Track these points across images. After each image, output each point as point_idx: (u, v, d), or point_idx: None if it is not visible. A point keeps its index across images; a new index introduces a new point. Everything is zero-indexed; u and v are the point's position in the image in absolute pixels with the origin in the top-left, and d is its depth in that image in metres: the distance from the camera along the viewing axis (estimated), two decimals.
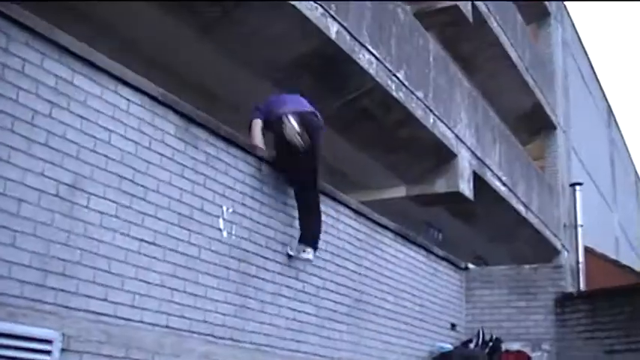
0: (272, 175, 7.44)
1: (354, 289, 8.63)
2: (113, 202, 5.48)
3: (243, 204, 6.96)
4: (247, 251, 6.92)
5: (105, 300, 5.30)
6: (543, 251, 17.11)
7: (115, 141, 5.56)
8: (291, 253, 7.45)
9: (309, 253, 7.45)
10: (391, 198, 13.04)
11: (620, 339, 10.40)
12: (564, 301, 11.22)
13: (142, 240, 5.69)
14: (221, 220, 6.63)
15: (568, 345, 10.94)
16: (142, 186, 5.76)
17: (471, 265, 11.95)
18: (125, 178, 5.61)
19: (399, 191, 12.95)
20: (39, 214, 4.89)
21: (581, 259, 17.27)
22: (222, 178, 6.70)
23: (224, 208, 6.68)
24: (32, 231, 4.82)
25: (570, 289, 12.48)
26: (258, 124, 7.58)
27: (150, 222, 5.80)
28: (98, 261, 5.28)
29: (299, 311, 7.57)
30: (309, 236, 7.50)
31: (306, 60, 9.47)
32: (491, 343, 10.49)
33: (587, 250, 17.68)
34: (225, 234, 6.65)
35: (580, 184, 17.86)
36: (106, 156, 5.46)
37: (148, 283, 5.70)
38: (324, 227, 8.02)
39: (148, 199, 5.81)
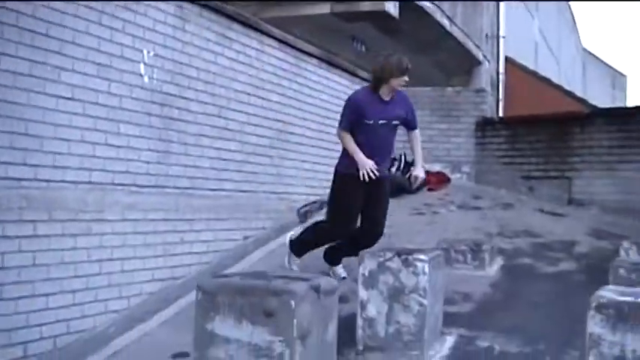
0: (195, 11, 7.13)
1: (278, 120, 8.58)
2: (26, 59, 5.20)
3: (165, 45, 6.71)
4: (170, 94, 6.76)
5: (24, 164, 5.15)
6: (465, 62, 17.12)
7: None
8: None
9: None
10: (316, 14, 12.71)
11: (537, 165, 10.72)
12: (485, 125, 11.41)
13: (59, 97, 5.48)
14: (142, 65, 6.40)
15: (487, 169, 11.24)
16: (56, 39, 5.46)
17: None
18: (38, 33, 5.30)
19: (324, 8, 12.60)
20: None
21: (501, 69, 17.41)
22: (141, 21, 6.40)
23: (145, 52, 6.44)
24: None
25: (491, 113, 12.62)
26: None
27: (66, 76, 5.56)
28: (14, 125, 5.09)
29: (223, 149, 7.53)
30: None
31: None
32: (412, 167, 10.65)
33: (508, 61, 17.79)
34: (146, 79, 6.45)
35: None
36: (16, 11, 5.12)
37: (68, 140, 5.55)
38: (247, 60, 7.92)
39: (64, 52, 5.54)
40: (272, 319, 3.33)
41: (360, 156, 6.17)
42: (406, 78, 6.22)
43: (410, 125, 6.60)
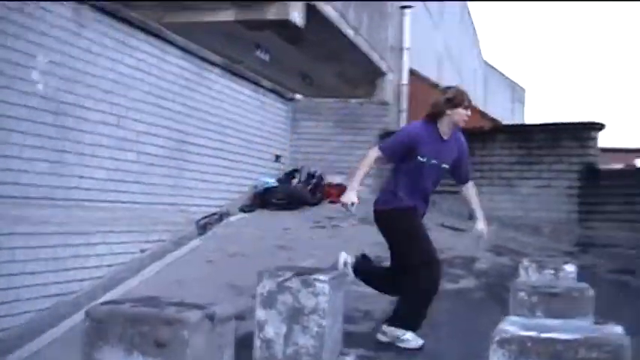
0: (92, 16, 6.89)
1: (178, 131, 8.41)
2: None
3: (61, 51, 6.45)
4: (65, 103, 6.51)
5: None
6: (370, 73, 17.20)
7: None
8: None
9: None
10: (220, 21, 12.55)
11: None
12: (384, 138, 11.40)
13: None
14: (35, 72, 6.13)
15: None
16: None
17: (298, 96, 11.88)
18: None
19: (228, 15, 12.44)
20: None
21: (405, 81, 17.52)
22: (36, 25, 6.14)
23: (39, 58, 6.17)
24: None
25: (394, 125, 12.66)
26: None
27: None
28: None
29: (120, 160, 7.31)
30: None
31: None
32: (314, 180, 10.62)
33: (412, 73, 17.92)
34: (40, 87, 6.18)
35: (410, 6, 17.83)
36: None
37: None
38: (147, 68, 7.72)
39: None
40: (164, 350, 3.18)
41: (353, 185, 5.33)
42: (468, 112, 5.56)
43: (462, 176, 5.81)
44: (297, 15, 12.27)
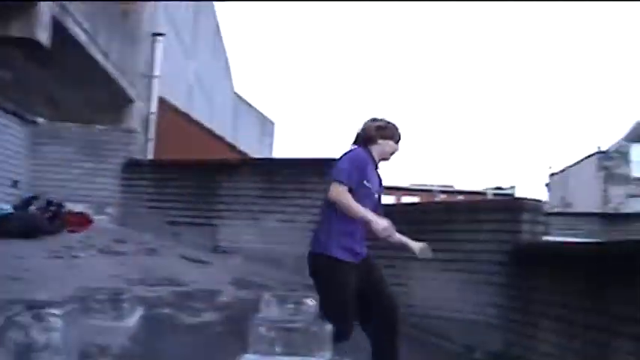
0: None
1: None
2: None
3: None
4: None
5: None
6: (118, 99, 16.85)
7: None
8: None
9: None
10: None
11: (184, 211, 10.70)
12: (133, 167, 11.22)
13: None
14: None
15: (132, 211, 11.03)
16: None
17: (39, 119, 11.38)
18: None
19: None
20: None
21: (154, 109, 17.34)
22: None
23: None
24: None
25: (141, 154, 12.47)
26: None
27: None
28: None
29: None
30: None
31: None
32: (53, 207, 10.17)
33: (162, 101, 17.77)
34: None
35: (162, 34, 17.70)
36: None
37: None
38: None
39: None
40: None
41: (371, 216, 4.96)
42: (398, 147, 5.31)
43: (377, 208, 5.41)
44: (43, 34, 11.78)
